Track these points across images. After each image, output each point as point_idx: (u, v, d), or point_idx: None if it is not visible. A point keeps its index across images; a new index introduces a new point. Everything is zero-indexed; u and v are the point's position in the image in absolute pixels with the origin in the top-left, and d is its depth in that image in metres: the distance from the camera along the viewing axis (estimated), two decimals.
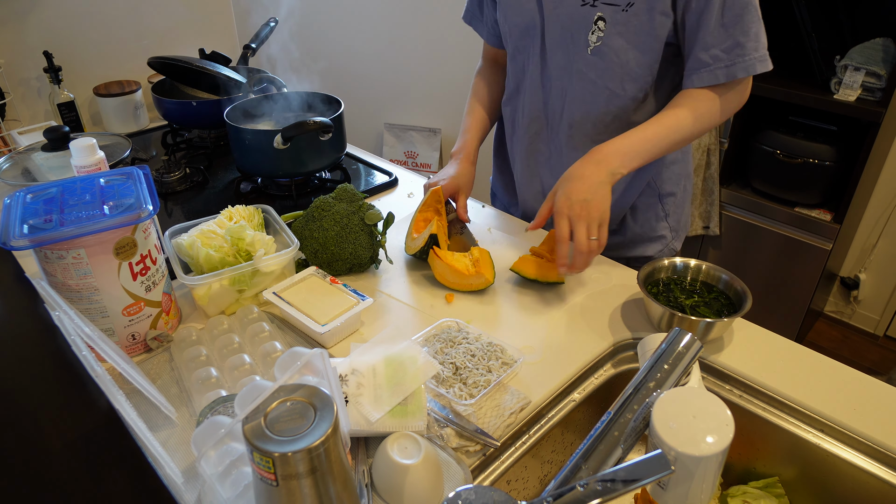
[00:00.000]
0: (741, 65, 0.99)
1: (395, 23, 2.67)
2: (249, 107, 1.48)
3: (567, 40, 1.10)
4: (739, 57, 0.99)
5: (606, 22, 1.03)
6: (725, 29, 0.98)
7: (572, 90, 1.14)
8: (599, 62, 1.08)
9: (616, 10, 1.02)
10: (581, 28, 1.06)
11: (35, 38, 1.68)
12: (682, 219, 1.30)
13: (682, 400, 0.67)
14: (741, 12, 0.97)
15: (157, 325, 0.95)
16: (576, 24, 1.07)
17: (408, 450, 0.71)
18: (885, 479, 0.80)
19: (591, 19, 1.05)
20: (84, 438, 0.52)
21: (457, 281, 1.08)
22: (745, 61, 0.99)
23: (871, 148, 2.00)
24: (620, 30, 1.04)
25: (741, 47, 0.99)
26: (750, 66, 1.00)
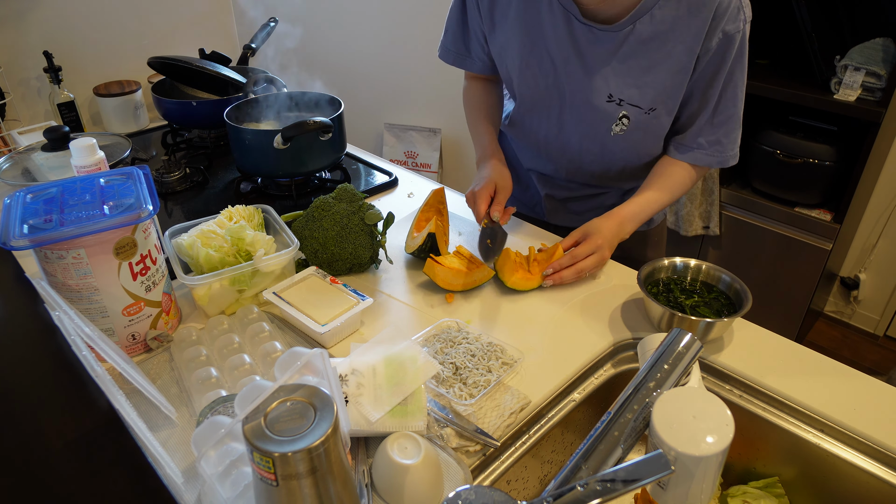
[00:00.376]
0: (717, 158, 1.17)
1: (395, 23, 2.67)
2: (249, 107, 1.48)
3: (587, 124, 1.19)
4: (718, 152, 1.16)
5: (630, 119, 1.15)
6: (713, 127, 1.14)
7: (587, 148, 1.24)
8: (621, 141, 1.19)
9: (640, 112, 1.13)
10: (604, 119, 1.16)
11: (35, 38, 1.68)
12: None
13: (682, 400, 0.67)
14: (726, 120, 1.14)
15: (157, 325, 0.95)
16: (599, 116, 1.16)
17: (408, 450, 0.71)
18: (885, 479, 0.80)
19: (616, 115, 1.15)
20: (84, 438, 0.52)
21: (461, 281, 1.08)
22: (720, 157, 1.17)
23: (871, 148, 1.99)
24: (642, 126, 1.15)
25: (720, 145, 1.16)
26: (722, 161, 1.17)
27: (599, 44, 1.08)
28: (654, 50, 1.06)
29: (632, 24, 1.04)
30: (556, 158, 1.29)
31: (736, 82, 1.10)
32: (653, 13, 1.03)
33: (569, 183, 1.33)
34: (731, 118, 1.14)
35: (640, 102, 1.12)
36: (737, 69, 1.09)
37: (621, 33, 1.06)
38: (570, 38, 1.09)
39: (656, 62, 1.07)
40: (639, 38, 1.05)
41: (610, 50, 1.08)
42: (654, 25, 1.04)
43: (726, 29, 1.03)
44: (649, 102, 1.11)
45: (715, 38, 1.03)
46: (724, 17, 1.02)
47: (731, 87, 1.10)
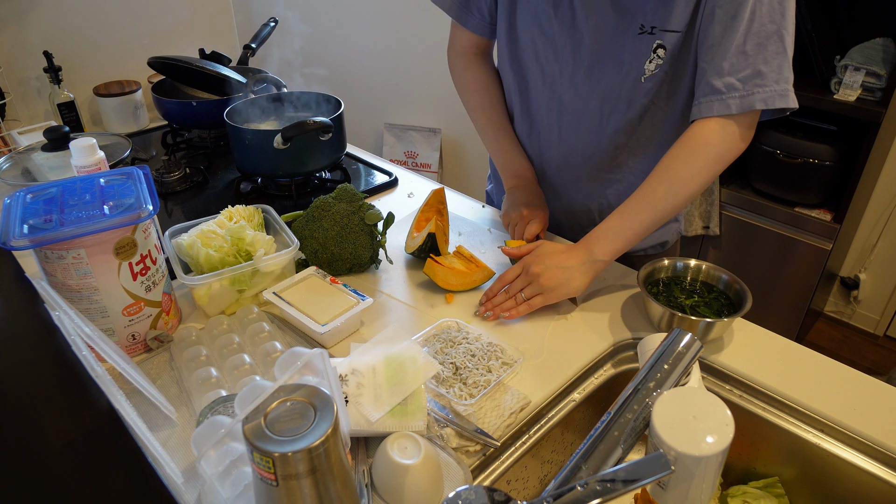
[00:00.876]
0: (759, 95, 0.89)
1: (396, 23, 2.67)
2: (249, 107, 1.48)
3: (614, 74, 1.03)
4: (759, 87, 0.88)
5: (667, 50, 0.97)
6: (746, 56, 0.88)
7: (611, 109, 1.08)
8: (654, 87, 1.02)
9: (677, 37, 0.95)
10: (636, 58, 0.99)
11: (35, 38, 1.68)
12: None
13: (682, 400, 0.67)
14: (765, 41, 0.87)
15: (157, 325, 0.95)
16: (629, 55, 1.00)
17: (408, 450, 0.71)
18: (885, 479, 0.80)
19: (651, 47, 0.98)
20: (84, 438, 0.52)
21: (460, 281, 1.08)
22: (765, 91, 0.88)
23: (871, 148, 2.00)
24: (684, 57, 0.97)
25: (761, 76, 0.88)
26: (769, 98, 0.89)
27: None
28: None
29: None
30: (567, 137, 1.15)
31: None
32: None
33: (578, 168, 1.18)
34: (771, 39, 0.86)
35: (677, 26, 0.93)
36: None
37: None
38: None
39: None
40: None
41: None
42: None
43: None
44: (685, 24, 0.92)
45: None
46: None
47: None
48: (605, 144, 1.13)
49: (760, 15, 0.87)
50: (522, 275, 1.00)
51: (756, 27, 0.87)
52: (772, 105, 0.90)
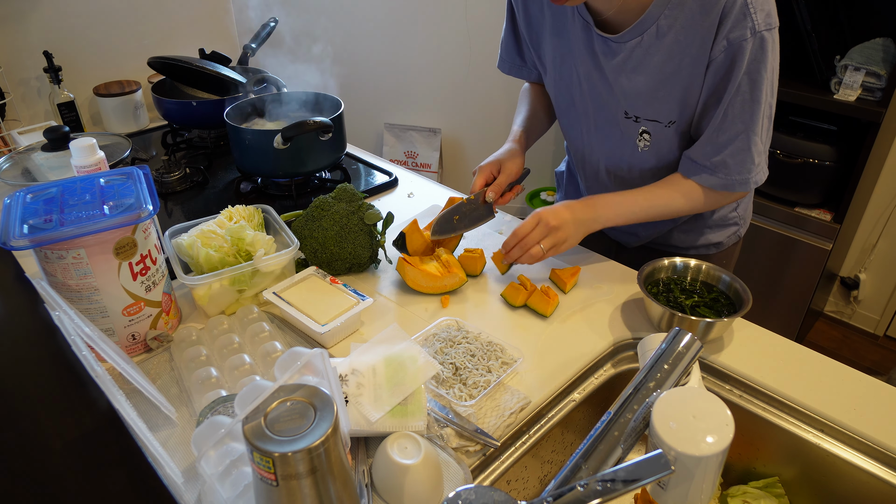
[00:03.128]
0: (720, 181, 1.05)
1: (396, 23, 2.67)
2: (249, 107, 1.48)
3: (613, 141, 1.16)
4: (722, 174, 1.05)
5: (651, 134, 1.10)
6: (716, 146, 1.03)
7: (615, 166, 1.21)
8: (650, 158, 1.14)
9: (660, 126, 1.08)
10: (628, 136, 1.13)
11: (35, 38, 1.68)
12: (748, 208, 1.30)
13: (682, 400, 0.67)
14: (733, 137, 1.02)
15: (157, 325, 0.95)
16: (621, 132, 1.13)
17: (408, 450, 0.71)
18: (885, 479, 0.80)
19: (637, 131, 1.11)
20: (84, 438, 0.52)
21: (430, 284, 1.07)
22: (727, 179, 1.05)
23: (871, 148, 1.99)
24: (667, 140, 1.10)
25: (725, 167, 1.04)
26: (727, 184, 1.05)
27: (612, 56, 1.05)
28: (664, 62, 1.01)
29: (640, 36, 1.00)
30: (589, 176, 1.28)
31: (746, 97, 0.99)
32: (658, 24, 0.98)
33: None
34: (738, 138, 1.02)
35: (658, 116, 1.07)
36: (745, 83, 0.98)
37: (629, 44, 1.02)
38: (590, 50, 1.07)
39: (668, 75, 1.02)
40: (647, 50, 1.01)
41: (621, 62, 1.04)
42: (661, 37, 0.99)
43: (730, 37, 0.94)
44: (667, 116, 1.06)
45: (719, 46, 0.96)
46: (727, 22, 0.94)
47: (740, 102, 0.99)
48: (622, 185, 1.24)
49: (732, 116, 1.01)
50: (540, 226, 1.05)
51: (727, 126, 1.02)
52: (731, 190, 1.07)
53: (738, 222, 1.28)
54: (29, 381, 0.58)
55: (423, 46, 2.70)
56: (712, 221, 1.25)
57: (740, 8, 0.93)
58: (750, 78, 0.98)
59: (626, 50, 1.03)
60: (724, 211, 1.25)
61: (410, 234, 1.13)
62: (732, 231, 1.28)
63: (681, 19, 0.97)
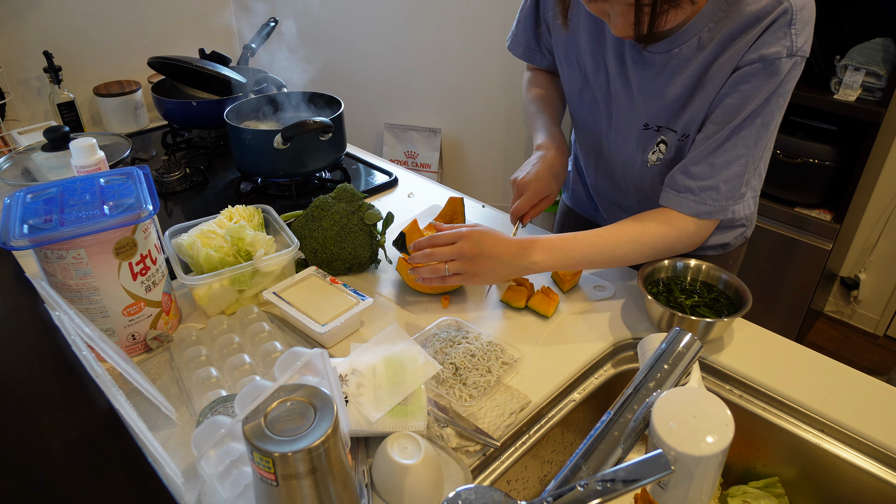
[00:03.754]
0: (706, 207, 0.98)
1: (396, 23, 2.67)
2: (249, 107, 1.48)
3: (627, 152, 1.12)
4: (711, 199, 0.98)
5: (667, 145, 1.05)
6: (711, 168, 0.97)
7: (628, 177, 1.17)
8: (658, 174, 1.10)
9: (675, 137, 1.03)
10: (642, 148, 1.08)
11: (35, 38, 1.68)
12: (754, 209, 1.25)
13: (682, 400, 0.67)
14: (732, 161, 0.96)
15: (157, 325, 0.95)
16: (637, 143, 1.08)
17: (408, 450, 0.71)
18: (885, 479, 0.80)
19: (654, 141, 1.06)
20: (84, 438, 0.52)
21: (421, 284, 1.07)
22: (714, 206, 0.98)
23: (871, 148, 1.99)
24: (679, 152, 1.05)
25: (716, 191, 0.97)
26: (715, 211, 0.98)
27: (644, 66, 1.00)
28: (697, 74, 0.96)
29: (679, 47, 0.95)
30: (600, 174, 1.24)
31: (757, 121, 0.93)
32: (700, 36, 0.93)
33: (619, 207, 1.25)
34: (737, 162, 0.95)
35: (675, 126, 1.03)
36: (763, 107, 0.92)
37: (666, 56, 0.97)
38: (622, 56, 1.03)
39: (698, 87, 0.97)
40: (683, 62, 0.96)
41: (654, 73, 1.00)
42: (701, 49, 0.94)
43: (765, 52, 0.88)
44: (682, 129, 1.02)
45: (750, 56, 0.89)
46: (766, 35, 0.87)
47: (749, 125, 0.93)
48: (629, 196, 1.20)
49: (738, 138, 0.94)
50: (455, 247, 0.95)
51: (729, 146, 0.95)
52: (713, 218, 1.00)
53: (745, 223, 1.25)
54: (29, 381, 0.58)
55: (423, 46, 2.70)
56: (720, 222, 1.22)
57: (783, 24, 0.87)
58: (768, 104, 0.92)
59: (660, 60, 0.98)
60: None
61: (410, 234, 1.13)
62: (739, 232, 1.25)
63: (722, 32, 0.92)
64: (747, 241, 1.30)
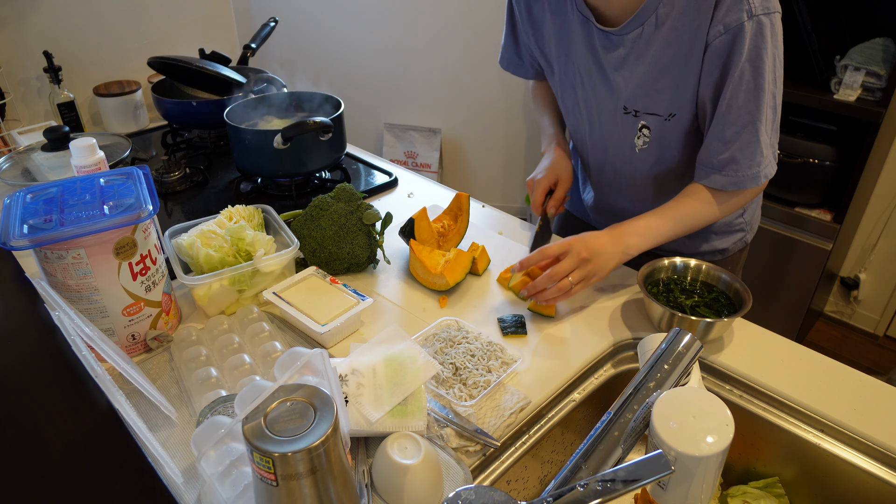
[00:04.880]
0: (731, 179, 1.02)
1: (396, 23, 2.67)
2: (249, 107, 1.48)
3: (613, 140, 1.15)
4: (733, 171, 1.01)
5: (651, 129, 1.07)
6: (724, 142, 1.00)
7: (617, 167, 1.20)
8: (648, 157, 1.12)
9: (660, 120, 1.06)
10: (626, 133, 1.11)
11: (35, 38, 1.68)
12: (755, 213, 1.28)
13: (682, 400, 0.67)
14: (741, 130, 0.99)
15: (157, 325, 0.95)
16: (620, 129, 1.11)
17: (408, 450, 0.71)
18: (885, 479, 0.80)
19: (637, 127, 1.09)
20: (84, 438, 0.52)
21: (422, 276, 1.09)
22: (737, 176, 1.02)
23: (871, 148, 1.99)
24: (666, 135, 1.08)
25: (735, 163, 1.01)
26: (740, 181, 1.02)
27: (613, 49, 1.03)
28: (661, 51, 0.99)
29: (640, 27, 0.99)
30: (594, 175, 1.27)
31: (750, 86, 0.96)
32: (657, 13, 0.97)
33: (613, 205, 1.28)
34: (745, 130, 0.98)
35: (657, 109, 1.05)
36: (747, 70, 0.95)
37: (630, 36, 1.01)
38: (590, 46, 1.06)
39: (665, 65, 1.00)
40: (647, 41, 1.00)
41: (622, 55, 1.03)
42: (661, 26, 0.98)
43: (726, 21, 0.92)
44: (667, 108, 1.04)
45: (715, 30, 0.93)
46: (722, 6, 0.92)
47: (744, 91, 0.96)
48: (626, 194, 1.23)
49: (737, 108, 0.97)
50: (570, 257, 0.98)
51: (732, 118, 0.99)
52: (742, 187, 1.03)
53: (745, 228, 1.25)
54: (29, 381, 0.58)
55: (423, 46, 2.70)
56: (717, 227, 1.23)
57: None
58: (752, 65, 0.95)
59: (627, 42, 1.01)
60: (730, 217, 1.22)
61: (419, 221, 1.13)
62: (739, 237, 1.25)
63: (678, 6, 0.95)
64: (748, 245, 1.29)
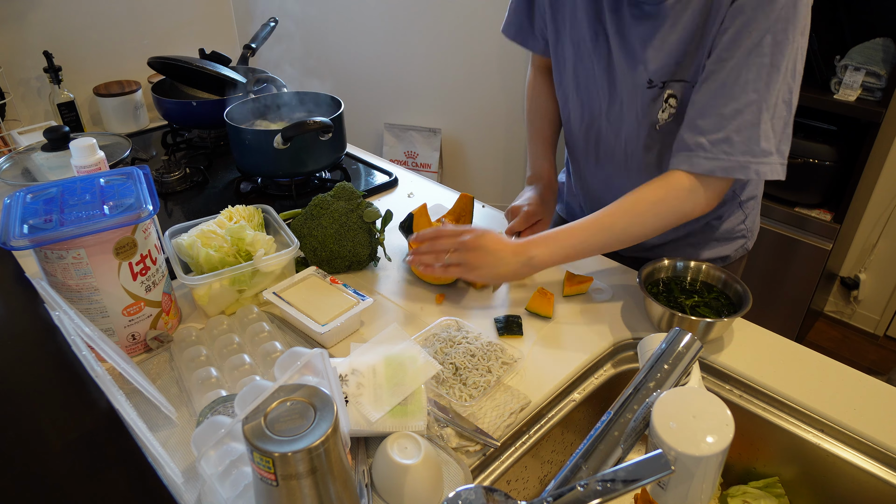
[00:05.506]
0: (721, 163, 0.89)
1: (396, 23, 2.67)
2: (249, 107, 1.48)
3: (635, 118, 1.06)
4: (724, 154, 0.89)
5: (678, 98, 0.98)
6: (721, 119, 0.88)
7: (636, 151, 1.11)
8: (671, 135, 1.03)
9: (688, 87, 0.96)
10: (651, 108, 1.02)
11: (35, 38, 1.68)
12: (756, 220, 1.24)
13: (682, 400, 0.67)
14: (743, 108, 0.86)
15: (157, 325, 0.95)
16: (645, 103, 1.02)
17: (408, 450, 0.71)
18: (885, 479, 0.80)
19: (662, 97, 1.00)
20: (84, 438, 0.52)
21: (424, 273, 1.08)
22: (728, 161, 0.89)
23: (871, 148, 1.99)
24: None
25: (728, 144, 0.88)
26: (730, 168, 0.89)
27: (646, 19, 0.94)
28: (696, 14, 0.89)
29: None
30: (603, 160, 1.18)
31: (765, 61, 0.83)
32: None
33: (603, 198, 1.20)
34: (748, 109, 0.86)
35: (684, 75, 0.94)
36: (768, 42, 0.82)
37: (665, 5, 0.91)
38: (620, 16, 0.98)
39: (698, 26, 0.89)
40: (682, 8, 0.90)
41: (654, 26, 0.94)
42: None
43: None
44: (694, 74, 0.93)
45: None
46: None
47: (757, 65, 0.83)
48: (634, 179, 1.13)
49: (745, 81, 0.86)
50: (461, 238, 0.97)
51: (737, 92, 0.87)
52: (731, 175, 0.90)
53: (747, 235, 1.22)
54: (29, 381, 0.58)
55: (422, 46, 2.70)
56: (719, 234, 1.19)
57: None
58: (774, 38, 0.82)
59: (663, 11, 0.92)
60: (733, 223, 1.18)
61: (419, 217, 1.13)
62: (740, 244, 1.22)
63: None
64: (748, 252, 1.26)
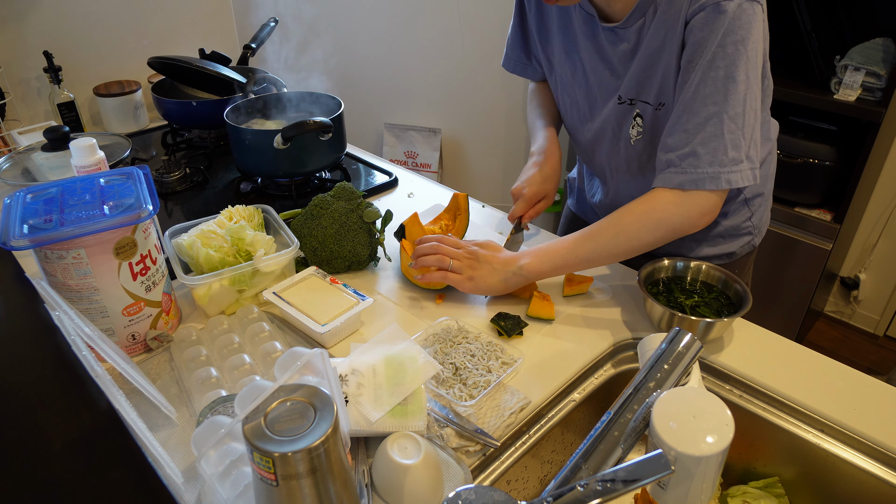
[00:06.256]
0: (690, 176, 0.93)
1: (396, 23, 2.67)
2: (249, 107, 1.48)
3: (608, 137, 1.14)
4: (692, 167, 0.93)
5: (644, 119, 1.05)
6: (686, 134, 0.93)
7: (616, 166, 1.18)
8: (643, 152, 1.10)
9: (650, 109, 1.03)
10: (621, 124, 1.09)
11: (35, 38, 1.68)
12: (763, 216, 1.24)
13: (682, 400, 0.67)
14: (704, 122, 0.91)
15: (157, 325, 0.95)
16: (616, 120, 1.10)
17: (408, 450, 0.71)
18: (885, 479, 0.80)
19: (631, 115, 1.07)
20: (84, 438, 0.52)
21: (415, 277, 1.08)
22: (696, 173, 0.92)
23: (871, 148, 1.99)
24: (658, 126, 1.03)
25: (695, 157, 0.92)
26: (699, 180, 0.93)
27: (619, 43, 1.02)
28: (652, 36, 0.97)
29: (642, 17, 0.97)
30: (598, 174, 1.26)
31: (720, 74, 0.89)
32: (656, 2, 0.94)
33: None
34: (710, 122, 0.91)
35: (647, 97, 1.02)
36: (720, 57, 0.88)
37: (633, 28, 0.98)
38: (596, 43, 1.05)
39: (657, 50, 0.97)
40: (648, 29, 0.97)
41: (628, 49, 1.01)
42: (654, 12, 0.95)
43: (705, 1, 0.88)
44: (656, 97, 1.01)
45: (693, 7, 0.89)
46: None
47: (712, 79, 0.89)
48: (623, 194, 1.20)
49: (703, 96, 0.91)
50: (468, 251, 1.04)
51: (697, 107, 0.91)
52: (702, 187, 0.93)
53: (753, 231, 1.21)
54: (29, 381, 0.58)
55: (422, 46, 2.70)
56: (723, 231, 1.19)
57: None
58: (725, 52, 0.88)
59: (632, 34, 0.99)
60: (738, 220, 1.19)
61: (410, 227, 1.13)
62: (746, 241, 1.21)
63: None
64: (755, 249, 1.26)
